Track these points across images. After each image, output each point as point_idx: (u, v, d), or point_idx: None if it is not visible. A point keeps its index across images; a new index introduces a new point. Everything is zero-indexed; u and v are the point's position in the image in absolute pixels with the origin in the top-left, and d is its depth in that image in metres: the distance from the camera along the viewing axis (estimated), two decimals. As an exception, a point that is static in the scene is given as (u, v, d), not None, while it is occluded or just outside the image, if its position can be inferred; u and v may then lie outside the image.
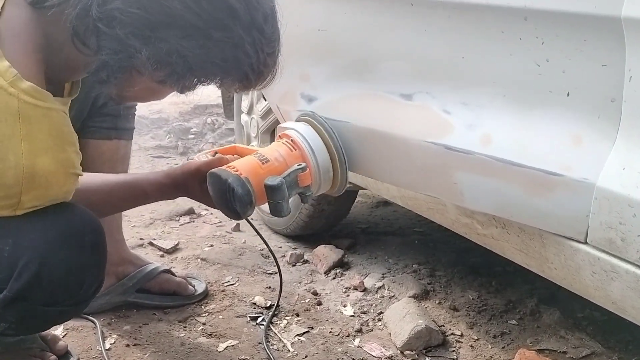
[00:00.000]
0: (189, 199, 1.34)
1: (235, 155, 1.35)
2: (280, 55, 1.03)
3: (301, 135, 1.32)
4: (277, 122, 1.76)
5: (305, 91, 1.48)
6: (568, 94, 0.95)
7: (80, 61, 1.02)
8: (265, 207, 2.20)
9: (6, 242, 1.01)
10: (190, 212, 2.39)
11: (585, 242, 0.97)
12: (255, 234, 1.51)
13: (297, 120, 1.41)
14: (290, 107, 1.53)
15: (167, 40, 0.91)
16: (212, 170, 1.23)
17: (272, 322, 1.60)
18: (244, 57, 0.95)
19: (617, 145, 0.89)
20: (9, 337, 1.27)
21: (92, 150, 1.54)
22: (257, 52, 0.95)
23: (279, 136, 1.36)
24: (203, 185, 1.26)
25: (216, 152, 1.38)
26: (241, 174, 1.19)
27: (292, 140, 1.32)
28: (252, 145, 1.45)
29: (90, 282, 1.10)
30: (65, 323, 1.50)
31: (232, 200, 1.19)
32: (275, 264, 1.60)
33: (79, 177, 1.05)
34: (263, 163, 1.25)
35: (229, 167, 1.22)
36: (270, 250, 1.59)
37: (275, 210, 1.21)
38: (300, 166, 1.23)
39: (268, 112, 2.08)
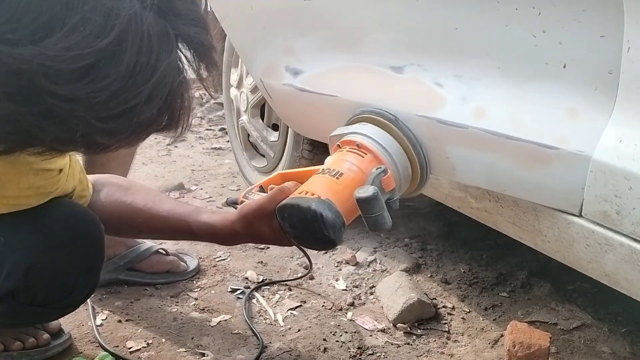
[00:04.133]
0: (256, 244, 1.19)
1: (293, 182, 1.14)
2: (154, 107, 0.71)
3: (366, 136, 1.13)
4: (268, 95, 1.74)
5: (290, 64, 1.45)
6: (565, 66, 0.94)
7: None
8: (256, 180, 2.20)
9: None
10: (180, 187, 2.38)
11: (580, 215, 0.96)
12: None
13: (351, 123, 1.22)
14: (274, 81, 1.51)
15: None
16: (283, 202, 1.05)
17: (263, 297, 1.60)
18: (35, 131, 0.68)
19: (613, 117, 0.88)
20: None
21: None
22: (61, 122, 0.67)
23: (337, 146, 1.17)
24: (272, 224, 1.09)
25: (261, 186, 1.23)
26: (320, 196, 1.02)
27: (357, 145, 1.13)
28: (298, 169, 1.24)
29: (82, 286, 1.09)
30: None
31: (321, 228, 1.01)
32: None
33: (50, 171, 1.00)
34: (337, 177, 1.07)
35: (300, 193, 1.05)
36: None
37: (377, 224, 1.04)
38: (380, 169, 1.06)
39: (258, 85, 2.06)
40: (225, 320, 1.50)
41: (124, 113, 0.68)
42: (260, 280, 1.67)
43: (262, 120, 2.16)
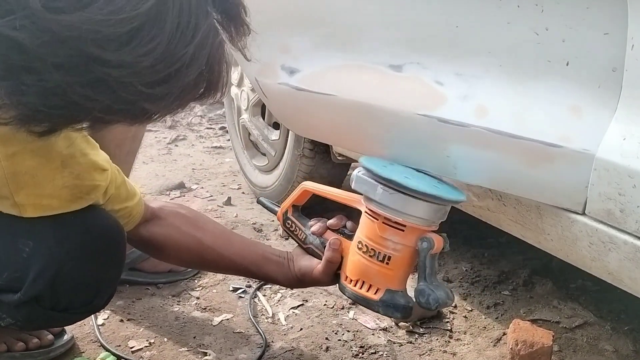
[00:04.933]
0: None
1: (336, 241, 1.20)
2: (197, 71, 0.72)
3: (395, 211, 1.09)
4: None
5: (286, 63, 1.44)
6: (568, 64, 0.93)
7: None
8: (257, 179, 2.20)
9: (27, 244, 0.99)
10: (180, 186, 2.38)
11: (583, 214, 0.96)
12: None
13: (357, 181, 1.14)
14: (270, 80, 1.50)
15: None
16: (347, 295, 1.16)
17: (265, 296, 1.59)
18: (84, 101, 0.68)
19: (617, 115, 0.88)
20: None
21: None
22: (110, 90, 0.68)
23: (368, 212, 1.14)
24: (333, 279, 1.22)
25: (294, 205, 1.31)
26: (378, 289, 1.12)
27: (389, 219, 1.09)
28: (322, 186, 1.32)
29: (104, 293, 1.09)
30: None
31: (394, 318, 1.30)
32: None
33: (89, 174, 1.01)
34: (387, 263, 1.11)
35: (357, 282, 1.14)
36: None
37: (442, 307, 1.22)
38: (426, 245, 1.08)
39: (258, 84, 2.05)
40: (227, 319, 1.49)
41: (169, 77, 0.69)
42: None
43: (263, 118, 2.16)
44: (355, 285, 1.14)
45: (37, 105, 0.69)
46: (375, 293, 1.12)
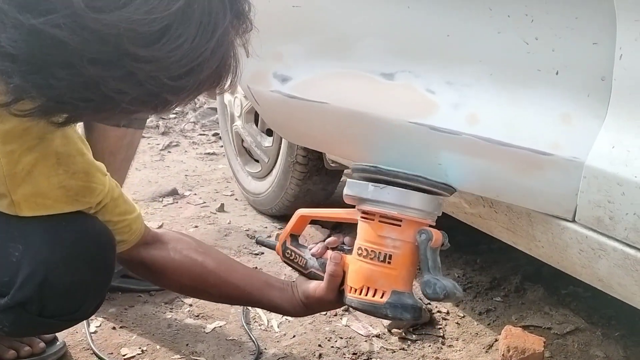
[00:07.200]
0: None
1: (337, 256, 1.15)
2: (215, 63, 0.78)
3: (390, 204, 1.08)
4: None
5: (278, 70, 1.44)
6: (557, 73, 0.94)
7: None
8: (250, 187, 2.20)
9: (17, 248, 0.99)
10: (173, 192, 2.38)
11: (573, 221, 0.97)
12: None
13: (357, 177, 1.15)
14: (262, 88, 1.50)
15: (12, 73, 0.73)
16: (354, 305, 1.12)
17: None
18: (114, 94, 0.73)
19: (606, 123, 0.89)
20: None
21: (98, 133, 1.51)
22: (139, 84, 0.73)
23: (363, 216, 1.13)
24: (338, 303, 1.18)
25: (292, 235, 1.26)
26: (384, 292, 1.07)
27: (384, 216, 1.09)
28: (317, 209, 1.31)
29: (92, 301, 1.09)
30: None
31: (403, 321, 1.23)
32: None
33: (85, 174, 1.02)
34: (388, 262, 1.08)
35: (360, 290, 1.09)
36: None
37: (450, 300, 1.10)
38: (425, 237, 1.05)
39: (251, 91, 2.05)
40: (220, 326, 1.49)
41: (191, 71, 0.75)
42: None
43: (256, 125, 2.16)
44: (360, 294, 1.10)
45: (65, 97, 0.73)
46: (381, 297, 1.08)
